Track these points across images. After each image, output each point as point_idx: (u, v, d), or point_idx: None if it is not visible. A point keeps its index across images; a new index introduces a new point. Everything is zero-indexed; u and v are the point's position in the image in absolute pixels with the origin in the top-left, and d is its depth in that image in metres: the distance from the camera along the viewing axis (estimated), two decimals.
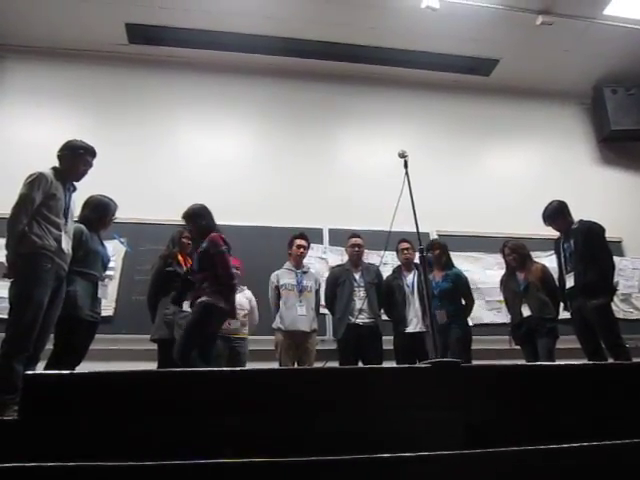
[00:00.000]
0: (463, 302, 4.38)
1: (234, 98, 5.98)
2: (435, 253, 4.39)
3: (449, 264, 4.46)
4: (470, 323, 4.39)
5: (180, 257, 4.05)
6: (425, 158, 5.60)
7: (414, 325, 4.26)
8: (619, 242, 5.82)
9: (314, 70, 6.18)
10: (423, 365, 2.08)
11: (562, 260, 4.01)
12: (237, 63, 6.02)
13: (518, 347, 4.20)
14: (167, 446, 1.60)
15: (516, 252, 4.24)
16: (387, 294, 4.43)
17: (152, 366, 3.69)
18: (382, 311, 4.45)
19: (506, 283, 4.35)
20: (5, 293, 2.98)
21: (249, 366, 4.08)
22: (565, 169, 6.34)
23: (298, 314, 4.17)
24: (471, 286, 5.38)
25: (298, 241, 4.44)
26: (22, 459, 1.48)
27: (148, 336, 3.87)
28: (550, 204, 4.07)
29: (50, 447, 1.59)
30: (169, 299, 3.88)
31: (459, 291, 4.36)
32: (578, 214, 4.05)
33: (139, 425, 1.68)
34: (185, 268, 3.85)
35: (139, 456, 1.50)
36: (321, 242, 5.37)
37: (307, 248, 4.51)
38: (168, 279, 3.93)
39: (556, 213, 4.01)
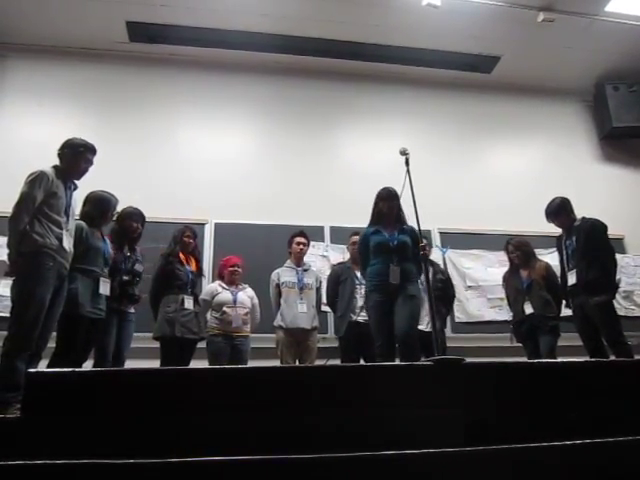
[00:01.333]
0: None
1: (236, 96, 5.97)
2: (399, 205, 3.59)
3: (403, 219, 3.65)
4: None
5: (182, 255, 4.06)
6: (426, 156, 5.59)
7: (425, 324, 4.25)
8: (621, 239, 5.81)
9: (315, 68, 6.17)
10: (425, 363, 2.08)
11: (564, 257, 4.01)
12: (239, 61, 6.02)
13: (519, 344, 4.20)
14: (168, 444, 1.60)
15: (520, 249, 4.24)
16: None
17: (155, 364, 3.69)
18: None
19: (509, 280, 4.35)
20: (7, 292, 2.99)
21: (250, 364, 4.08)
22: (567, 166, 6.33)
23: (299, 312, 4.18)
24: (472, 284, 5.43)
25: (297, 239, 4.45)
26: (24, 457, 1.49)
27: (151, 334, 3.89)
28: (553, 201, 4.06)
29: (52, 445, 1.60)
30: (171, 297, 3.89)
31: (415, 247, 3.48)
32: (580, 211, 4.05)
33: (141, 423, 1.68)
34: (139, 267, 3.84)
35: (141, 454, 1.50)
36: (322, 240, 5.37)
37: (307, 246, 4.51)
38: (170, 277, 3.94)
39: (559, 210, 4.01)
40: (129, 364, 3.63)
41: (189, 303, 3.93)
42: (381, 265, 3.45)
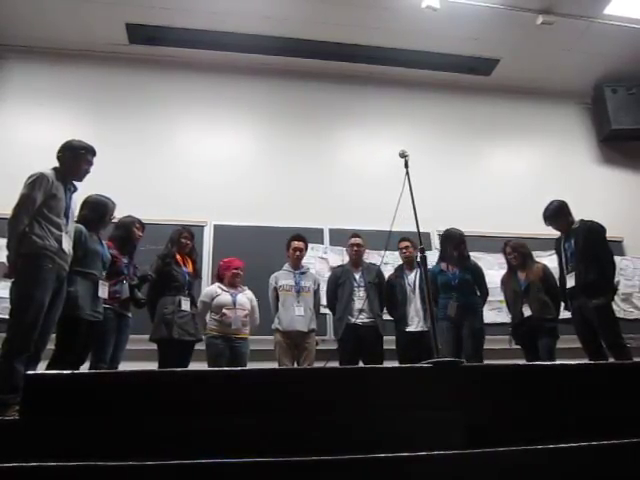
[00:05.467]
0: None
1: (234, 98, 5.98)
2: (462, 247, 4.30)
3: (467, 256, 4.37)
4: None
5: (179, 256, 4.06)
6: (426, 158, 5.59)
7: (415, 324, 4.27)
8: (620, 241, 5.81)
9: (315, 70, 6.18)
10: (424, 365, 2.07)
11: (563, 260, 4.01)
12: (237, 63, 6.03)
13: (518, 347, 4.20)
14: (167, 446, 1.60)
15: (517, 251, 4.25)
16: (389, 293, 4.43)
17: (151, 366, 3.69)
18: (384, 310, 4.45)
19: (507, 282, 4.35)
20: (6, 293, 2.99)
21: (250, 366, 4.07)
22: (565, 168, 6.34)
23: (296, 314, 4.18)
24: None
25: (295, 243, 4.43)
26: (23, 459, 1.49)
27: (147, 336, 3.88)
28: (551, 204, 4.06)
29: (51, 447, 1.59)
30: (168, 299, 3.89)
31: (476, 282, 4.28)
32: (579, 213, 4.05)
33: (139, 425, 1.68)
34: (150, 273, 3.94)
35: (139, 456, 1.50)
36: (322, 242, 5.36)
37: (304, 249, 4.49)
38: (167, 279, 3.94)
39: (557, 213, 4.01)
40: (129, 366, 3.63)
41: (186, 304, 3.93)
42: (445, 300, 4.17)
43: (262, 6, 5.35)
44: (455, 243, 4.29)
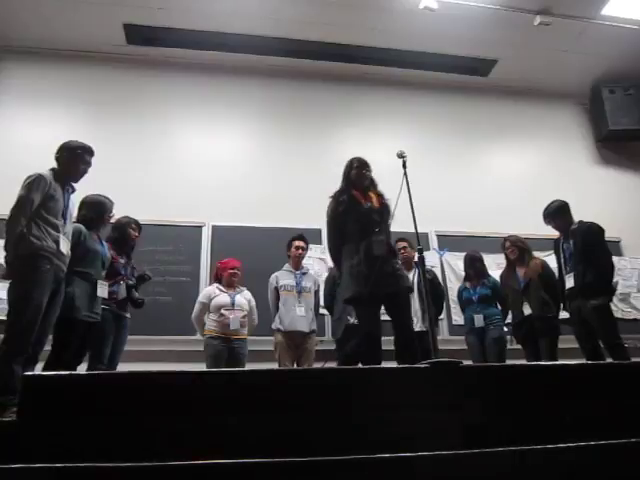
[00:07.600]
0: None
1: (233, 99, 5.98)
2: (477, 266, 4.60)
3: (486, 274, 4.62)
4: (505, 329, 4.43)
5: (356, 192, 3.33)
6: (424, 158, 5.60)
7: (414, 325, 4.25)
8: (617, 242, 5.82)
9: (313, 70, 6.19)
10: (422, 365, 2.07)
11: (561, 260, 4.01)
12: (235, 64, 6.03)
13: (519, 346, 4.21)
14: (167, 446, 1.60)
15: (515, 245, 4.26)
16: None
17: (149, 366, 3.68)
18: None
19: (506, 280, 4.35)
20: (4, 295, 2.98)
21: (248, 367, 4.07)
22: (563, 169, 6.35)
23: (297, 315, 4.18)
24: None
25: (296, 242, 4.45)
26: (21, 460, 1.48)
27: (155, 337, 3.85)
28: (552, 203, 4.07)
29: (49, 448, 1.59)
30: (350, 247, 3.17)
31: (495, 297, 4.50)
32: (576, 213, 4.06)
33: (138, 425, 1.68)
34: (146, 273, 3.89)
35: (138, 457, 1.50)
36: (320, 242, 5.36)
37: (305, 249, 4.51)
38: (343, 220, 3.25)
39: (557, 212, 4.01)
40: (124, 367, 3.62)
41: (379, 248, 3.08)
42: (469, 314, 4.50)
43: (260, 7, 5.36)
44: (472, 263, 4.62)
